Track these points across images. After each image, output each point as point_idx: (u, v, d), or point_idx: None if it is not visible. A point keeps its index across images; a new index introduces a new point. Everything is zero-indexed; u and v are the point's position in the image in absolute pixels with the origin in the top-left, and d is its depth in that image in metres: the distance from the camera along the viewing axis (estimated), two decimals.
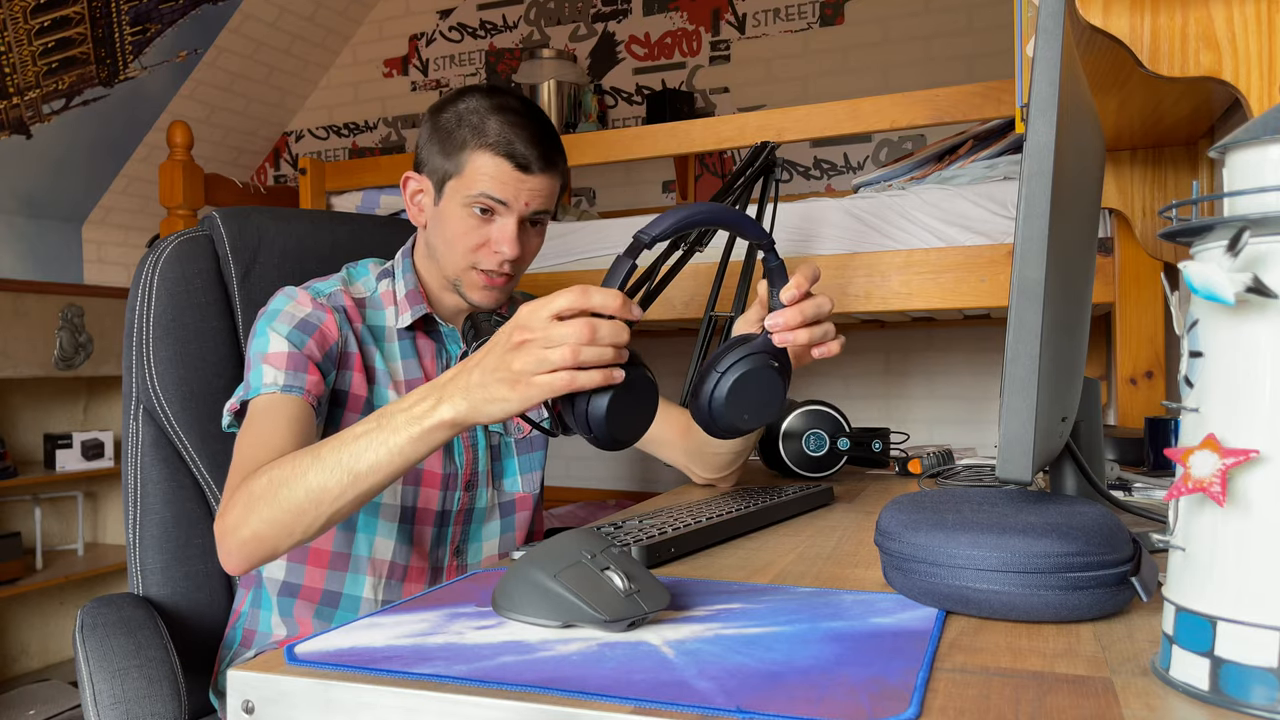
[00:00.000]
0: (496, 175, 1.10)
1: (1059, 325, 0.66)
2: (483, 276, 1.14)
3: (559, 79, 3.10)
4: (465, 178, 1.11)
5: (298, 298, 1.12)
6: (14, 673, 2.98)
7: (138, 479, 1.20)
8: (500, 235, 1.12)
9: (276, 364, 1.04)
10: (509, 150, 1.09)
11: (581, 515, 2.65)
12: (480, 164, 1.10)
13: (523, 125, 1.11)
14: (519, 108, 1.13)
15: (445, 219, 1.13)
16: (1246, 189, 0.47)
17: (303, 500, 0.88)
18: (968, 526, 0.62)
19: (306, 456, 0.89)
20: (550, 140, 1.13)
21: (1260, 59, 0.88)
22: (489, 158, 1.10)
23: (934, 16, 2.98)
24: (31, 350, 2.80)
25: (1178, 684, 0.49)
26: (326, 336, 1.10)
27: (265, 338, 1.07)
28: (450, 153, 1.12)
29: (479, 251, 1.13)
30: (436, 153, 1.14)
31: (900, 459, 1.36)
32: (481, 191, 1.10)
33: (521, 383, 0.79)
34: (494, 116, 1.11)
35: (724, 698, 0.48)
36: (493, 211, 1.11)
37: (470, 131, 1.11)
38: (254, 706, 0.54)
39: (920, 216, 1.68)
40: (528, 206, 1.12)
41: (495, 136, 1.10)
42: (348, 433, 0.88)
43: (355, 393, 1.12)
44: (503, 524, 1.25)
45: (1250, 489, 0.46)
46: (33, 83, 2.95)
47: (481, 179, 1.10)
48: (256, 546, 0.91)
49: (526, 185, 1.11)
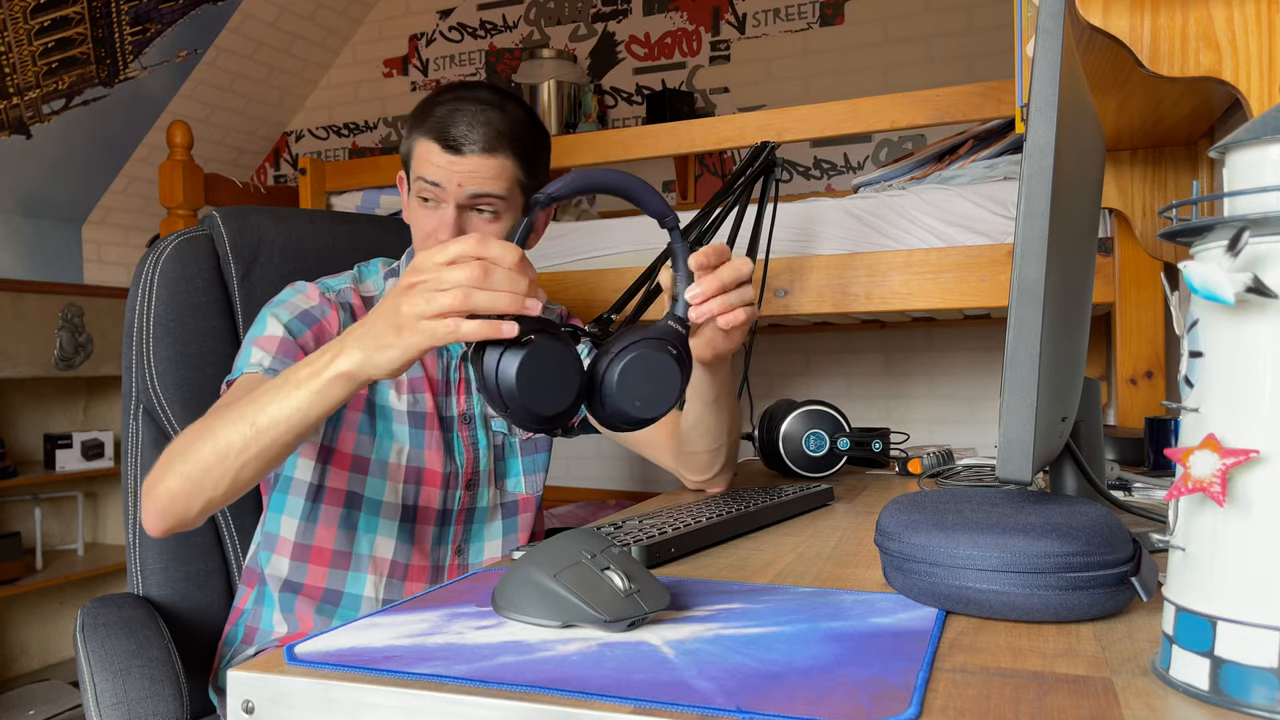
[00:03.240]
0: (429, 158, 1.08)
1: (1059, 325, 0.66)
2: None
3: (559, 79, 3.10)
4: (413, 165, 1.11)
5: (306, 291, 1.12)
6: (14, 673, 2.98)
7: (138, 479, 1.20)
8: (439, 223, 1.09)
9: (266, 347, 1.04)
10: (440, 134, 1.07)
11: (581, 515, 2.65)
12: (419, 150, 1.09)
13: (467, 110, 1.08)
14: (473, 95, 1.10)
15: (409, 211, 1.14)
16: (1246, 189, 0.47)
17: (210, 456, 0.87)
18: (968, 526, 0.62)
19: (218, 413, 0.88)
20: (501, 123, 1.08)
21: (1260, 59, 0.88)
22: (423, 142, 1.08)
23: (934, 16, 2.98)
24: (31, 350, 2.80)
25: (1178, 684, 0.49)
26: (325, 331, 1.10)
27: (263, 323, 1.08)
28: (405, 142, 1.12)
29: (428, 240, 1.11)
30: (402, 145, 1.14)
31: (900, 459, 1.36)
32: (419, 176, 1.09)
33: (407, 328, 0.77)
34: (442, 105, 1.09)
35: (724, 698, 0.48)
36: (434, 199, 1.10)
37: (417, 119, 1.10)
38: (254, 706, 0.54)
39: (920, 216, 1.68)
40: (461, 188, 1.08)
41: (434, 121, 1.08)
42: (258, 389, 0.87)
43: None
44: (505, 524, 1.25)
45: (1250, 489, 0.46)
46: (33, 83, 2.95)
47: (419, 164, 1.09)
48: (170, 503, 0.90)
49: (458, 168, 1.07)
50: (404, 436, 1.15)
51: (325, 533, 1.13)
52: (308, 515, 1.13)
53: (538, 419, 0.79)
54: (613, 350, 0.83)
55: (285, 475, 1.15)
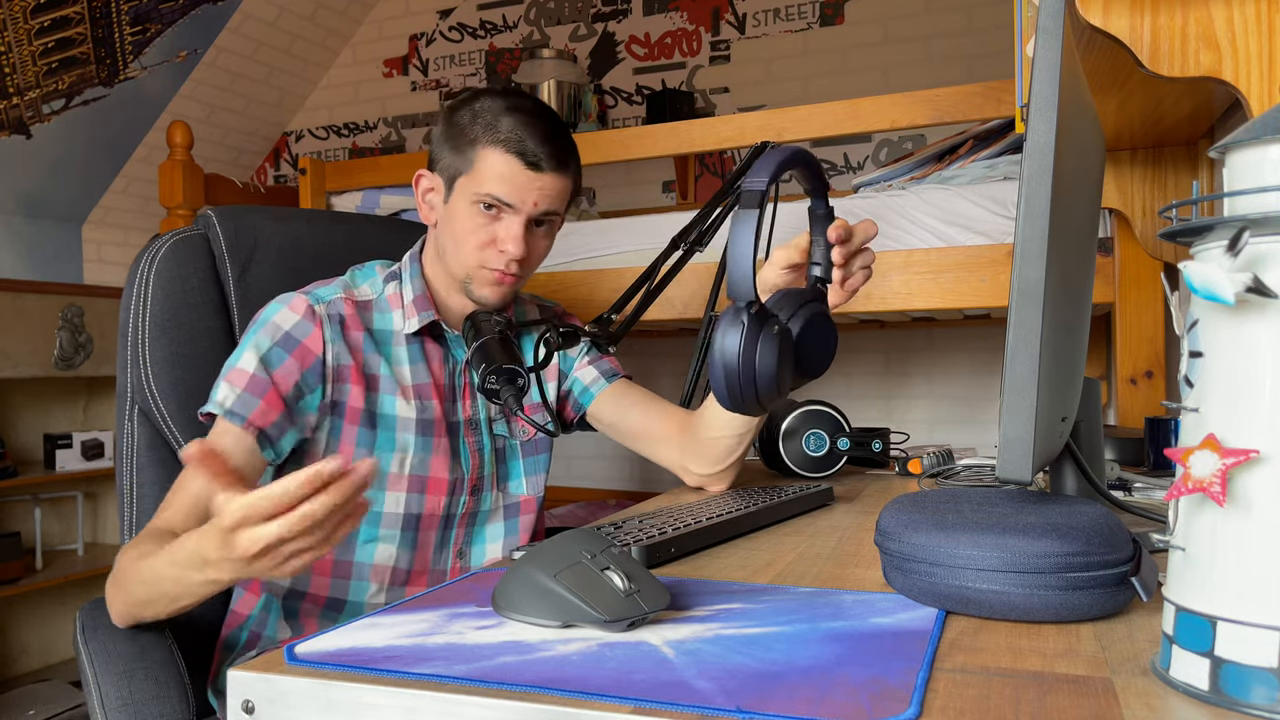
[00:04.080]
0: (506, 173, 1.09)
1: (1059, 325, 0.66)
2: (492, 274, 1.13)
3: (559, 79, 3.10)
4: (475, 174, 1.11)
5: (291, 303, 1.11)
6: (14, 673, 2.98)
7: (133, 480, 1.20)
8: (506, 234, 1.11)
9: (235, 383, 1.05)
10: (520, 148, 1.09)
11: (581, 515, 2.65)
12: (491, 161, 1.10)
13: (535, 124, 1.10)
14: (533, 108, 1.12)
15: (454, 216, 1.13)
16: (1246, 189, 0.47)
17: (140, 600, 0.94)
18: (968, 526, 0.62)
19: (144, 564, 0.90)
20: (563, 140, 1.13)
21: (1260, 59, 0.88)
22: (499, 154, 1.09)
23: (934, 16, 2.98)
24: (31, 350, 2.80)
25: (1178, 684, 0.49)
26: (308, 353, 1.09)
27: (242, 350, 1.08)
28: (462, 149, 1.12)
29: (486, 249, 1.12)
30: (448, 150, 1.13)
31: (900, 459, 1.36)
32: (490, 189, 1.10)
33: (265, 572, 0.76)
34: (508, 115, 1.10)
35: (724, 698, 0.48)
36: (500, 209, 1.11)
37: (483, 128, 1.10)
38: (254, 706, 0.54)
39: (920, 216, 1.68)
40: (536, 206, 1.11)
41: (507, 133, 1.09)
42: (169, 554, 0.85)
43: (352, 405, 1.12)
44: (506, 526, 1.24)
45: (1250, 489, 0.46)
46: (33, 83, 2.95)
47: (491, 176, 1.10)
48: (124, 620, 0.99)
49: (536, 184, 1.10)
50: (409, 444, 1.14)
51: None
52: None
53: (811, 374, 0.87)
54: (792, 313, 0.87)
55: None
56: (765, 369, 0.77)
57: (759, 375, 0.77)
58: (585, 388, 1.28)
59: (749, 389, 0.78)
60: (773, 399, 0.80)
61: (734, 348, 0.77)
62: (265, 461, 1.07)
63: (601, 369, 1.28)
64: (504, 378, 1.08)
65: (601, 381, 1.27)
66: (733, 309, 0.78)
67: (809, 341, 0.87)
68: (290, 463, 1.13)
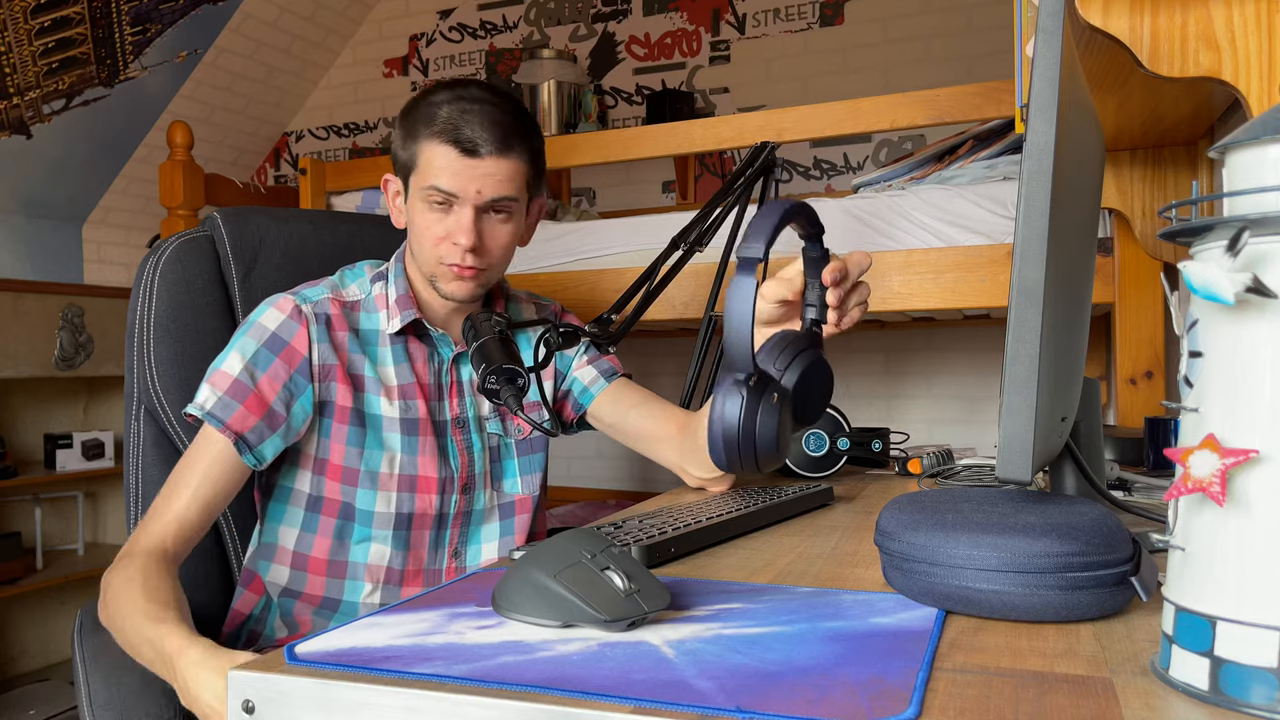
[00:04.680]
0: (443, 163, 1.08)
1: (1059, 325, 0.66)
2: (451, 269, 1.12)
3: (559, 79, 3.10)
4: (420, 170, 1.10)
5: (277, 303, 1.11)
6: (14, 673, 2.98)
7: (139, 479, 1.20)
8: (456, 226, 1.09)
9: (218, 385, 1.05)
10: (454, 136, 1.07)
11: (581, 515, 2.65)
12: (430, 154, 1.08)
13: (475, 110, 1.08)
14: (476, 94, 1.10)
15: (412, 215, 1.13)
16: (1246, 189, 0.47)
17: (127, 646, 0.95)
18: (968, 526, 0.62)
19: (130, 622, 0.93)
20: (507, 124, 1.09)
21: (1260, 59, 0.88)
22: (436, 145, 1.08)
23: (934, 16, 2.98)
24: (31, 350, 2.80)
25: (1177, 684, 0.49)
26: (295, 353, 1.09)
27: (228, 351, 1.08)
28: (408, 146, 1.11)
29: (442, 244, 1.11)
30: (400, 149, 1.13)
31: (900, 459, 1.36)
32: (432, 183, 1.08)
33: None
34: (447, 105, 1.08)
35: (724, 698, 0.48)
36: (448, 201, 1.10)
37: (423, 123, 1.09)
38: (254, 706, 0.54)
39: (920, 216, 1.68)
40: (481, 194, 1.09)
41: (442, 123, 1.07)
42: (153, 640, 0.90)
43: (340, 404, 1.12)
44: (502, 526, 1.24)
45: (1250, 489, 0.46)
46: (33, 83, 2.95)
47: (433, 169, 1.08)
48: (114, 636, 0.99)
49: (477, 171, 1.08)
50: (396, 444, 1.14)
51: (321, 542, 1.13)
52: (306, 525, 1.13)
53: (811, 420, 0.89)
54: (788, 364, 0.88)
55: (283, 485, 1.14)
56: (765, 439, 0.78)
57: (759, 446, 0.78)
58: (585, 388, 1.28)
59: (749, 459, 0.79)
60: (772, 464, 0.80)
61: (734, 419, 0.77)
62: (246, 468, 1.06)
63: (601, 369, 1.28)
64: (504, 378, 1.08)
65: (601, 381, 1.27)
66: (732, 380, 0.77)
67: (806, 392, 0.87)
68: (284, 464, 1.13)
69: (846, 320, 0.97)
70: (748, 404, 0.77)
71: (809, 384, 0.88)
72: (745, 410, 0.77)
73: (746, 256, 0.77)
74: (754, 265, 0.77)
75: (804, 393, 0.87)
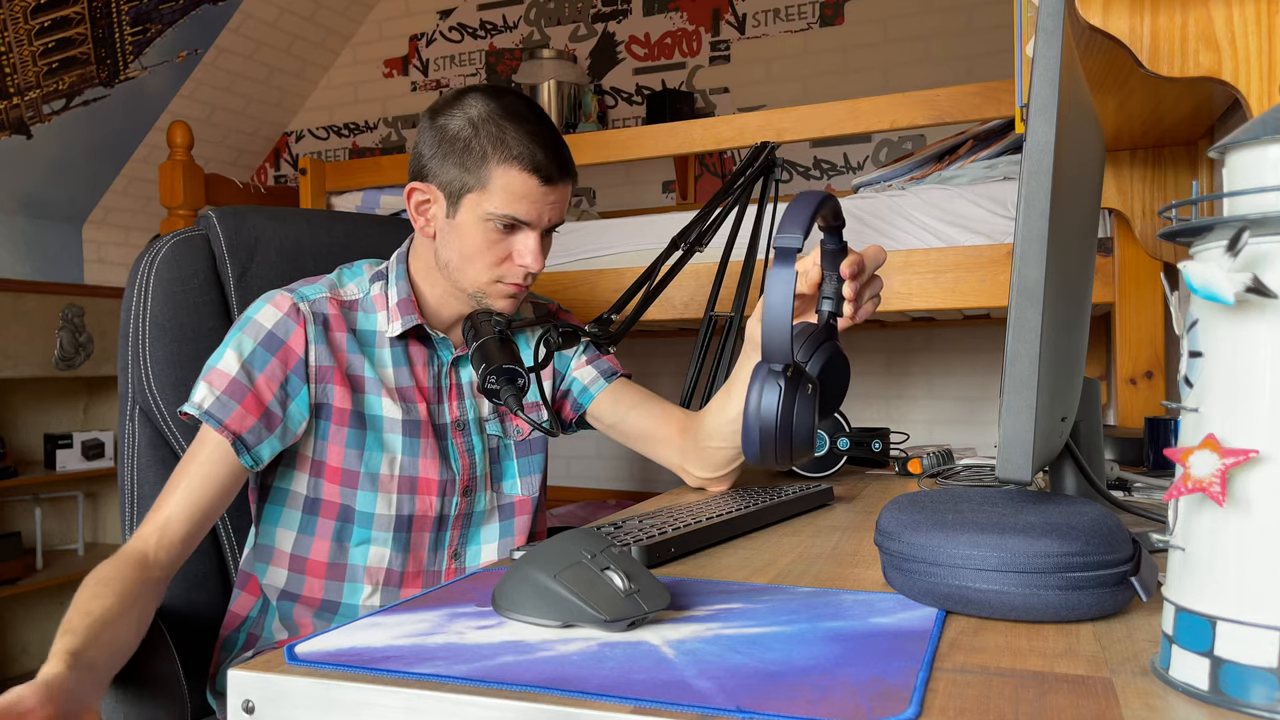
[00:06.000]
0: (523, 191, 1.08)
1: (1059, 325, 0.66)
2: (509, 287, 1.13)
3: (559, 79, 3.11)
4: (488, 193, 1.08)
5: (274, 300, 1.10)
6: (14, 672, 2.98)
7: (134, 480, 1.20)
8: (524, 249, 1.11)
9: (215, 384, 1.04)
10: (534, 163, 1.07)
11: (581, 515, 2.65)
12: (508, 179, 1.07)
13: (540, 133, 1.09)
14: (528, 113, 1.10)
15: (463, 233, 1.10)
16: (1246, 189, 0.47)
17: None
18: (968, 526, 0.62)
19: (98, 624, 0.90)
20: (562, 144, 1.12)
21: (1260, 59, 0.88)
22: (516, 173, 1.07)
23: (934, 16, 2.98)
24: (31, 350, 2.80)
25: (1177, 684, 0.49)
26: (291, 353, 1.08)
27: (224, 349, 1.07)
28: (470, 166, 1.08)
29: (502, 265, 1.11)
30: (452, 165, 1.09)
31: (900, 459, 1.36)
32: (509, 211, 1.08)
33: None
34: (510, 125, 1.08)
35: (724, 698, 0.48)
36: (515, 226, 1.10)
37: (490, 143, 1.07)
38: (254, 706, 0.54)
39: (920, 216, 1.68)
40: (549, 220, 1.12)
41: (519, 149, 1.07)
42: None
43: (338, 406, 1.11)
44: (501, 527, 1.23)
45: (1250, 489, 0.46)
46: (33, 83, 2.95)
47: (509, 195, 1.08)
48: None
49: (550, 198, 1.10)
50: (397, 446, 1.13)
51: (320, 545, 1.12)
52: (303, 527, 1.12)
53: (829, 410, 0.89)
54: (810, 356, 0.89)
55: (279, 487, 1.13)
56: (802, 432, 0.78)
57: (795, 438, 0.78)
58: (584, 388, 1.27)
59: (784, 450, 0.78)
60: (804, 456, 0.81)
61: (771, 411, 0.77)
62: (243, 469, 1.05)
63: (600, 368, 1.28)
64: (504, 377, 1.08)
65: (601, 381, 1.27)
66: (768, 369, 0.77)
67: (827, 385, 0.89)
68: (280, 466, 1.12)
69: (862, 313, 0.97)
70: (785, 396, 0.77)
71: (830, 377, 0.89)
72: (783, 402, 0.77)
73: (785, 246, 0.76)
74: (793, 255, 0.76)
75: (826, 385, 0.88)
